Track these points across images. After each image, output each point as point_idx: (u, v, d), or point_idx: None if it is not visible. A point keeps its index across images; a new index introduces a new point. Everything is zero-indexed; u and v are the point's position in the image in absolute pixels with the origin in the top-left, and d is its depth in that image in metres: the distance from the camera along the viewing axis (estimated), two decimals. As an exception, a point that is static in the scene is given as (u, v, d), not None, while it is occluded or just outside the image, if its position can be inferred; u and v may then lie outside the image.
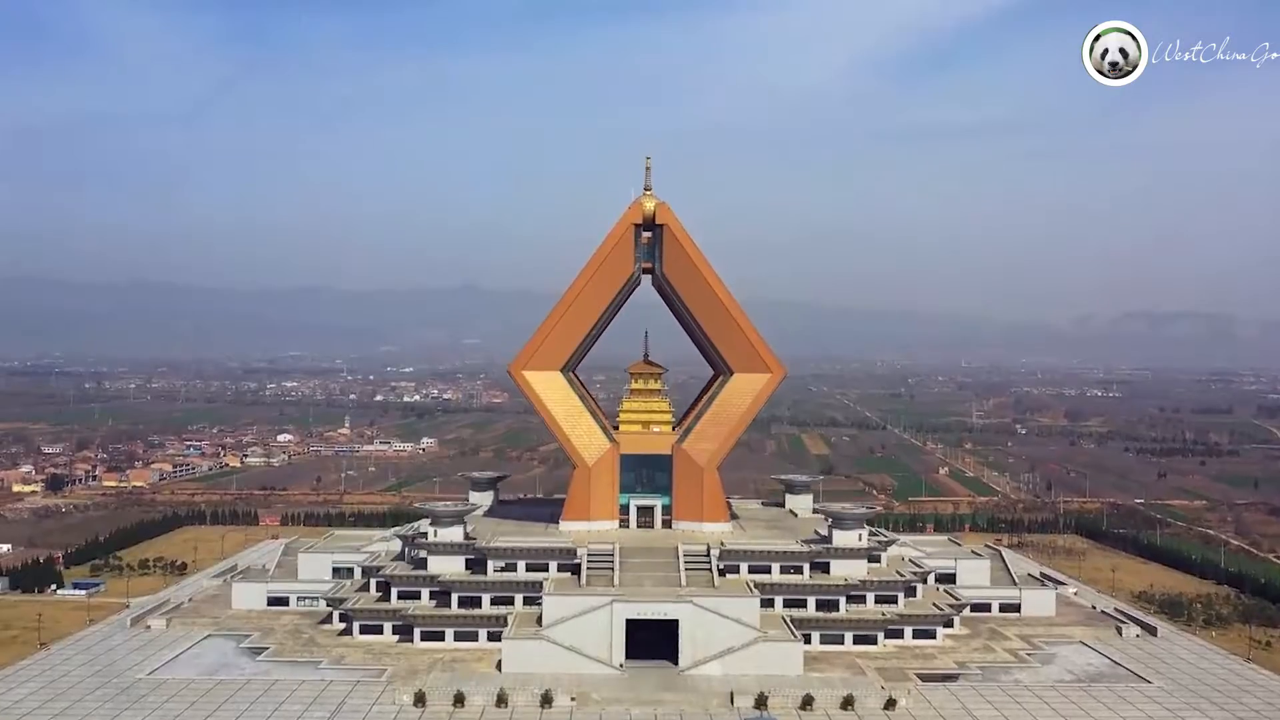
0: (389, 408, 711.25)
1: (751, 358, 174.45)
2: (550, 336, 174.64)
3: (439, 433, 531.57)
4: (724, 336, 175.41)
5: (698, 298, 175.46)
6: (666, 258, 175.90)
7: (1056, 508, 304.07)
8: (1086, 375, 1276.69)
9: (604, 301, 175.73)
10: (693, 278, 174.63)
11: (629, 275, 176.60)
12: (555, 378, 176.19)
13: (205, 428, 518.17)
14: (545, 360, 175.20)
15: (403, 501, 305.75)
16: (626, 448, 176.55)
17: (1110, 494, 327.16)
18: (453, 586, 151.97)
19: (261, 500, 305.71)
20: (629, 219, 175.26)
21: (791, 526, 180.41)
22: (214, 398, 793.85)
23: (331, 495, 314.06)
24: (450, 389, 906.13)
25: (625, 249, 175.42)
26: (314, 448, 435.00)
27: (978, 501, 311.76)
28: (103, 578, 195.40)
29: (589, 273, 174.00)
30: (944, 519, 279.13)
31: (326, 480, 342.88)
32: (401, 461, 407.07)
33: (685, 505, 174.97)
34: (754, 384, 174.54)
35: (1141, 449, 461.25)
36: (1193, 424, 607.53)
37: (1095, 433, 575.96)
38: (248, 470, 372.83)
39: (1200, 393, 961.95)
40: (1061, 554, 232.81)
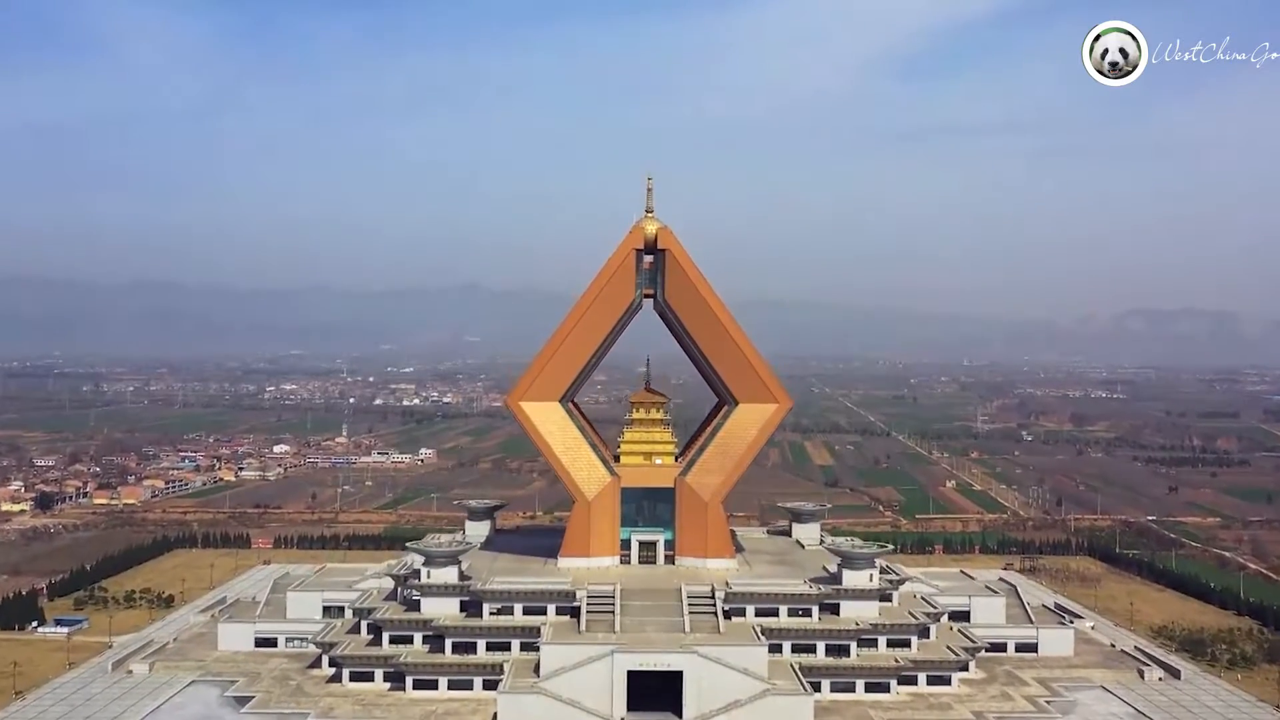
0: (388, 412, 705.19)
1: (757, 388, 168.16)
2: (548, 366, 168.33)
3: (438, 440, 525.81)
4: (728, 365, 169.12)
5: (701, 325, 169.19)
6: (669, 283, 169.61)
7: (1067, 525, 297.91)
8: (1090, 374, 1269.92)
9: (604, 329, 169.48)
10: (696, 304, 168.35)
11: (630, 302, 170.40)
12: (554, 409, 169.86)
13: (201, 436, 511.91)
14: (543, 391, 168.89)
15: (399, 520, 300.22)
16: (628, 480, 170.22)
17: (1121, 509, 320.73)
18: (447, 631, 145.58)
19: (255, 519, 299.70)
20: (630, 244, 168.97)
21: (799, 561, 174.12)
22: (212, 402, 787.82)
23: (326, 513, 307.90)
24: (450, 391, 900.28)
25: (626, 275, 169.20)
26: (310, 459, 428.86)
27: (987, 519, 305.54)
28: (86, 613, 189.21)
29: (588, 300, 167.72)
30: (953, 539, 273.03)
31: (322, 496, 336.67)
32: (399, 474, 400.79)
33: (689, 540, 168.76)
34: (760, 415, 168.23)
35: (1150, 459, 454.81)
36: (1200, 429, 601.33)
37: (1102, 438, 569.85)
38: (242, 485, 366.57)
39: (1205, 393, 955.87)
40: (1075, 580, 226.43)
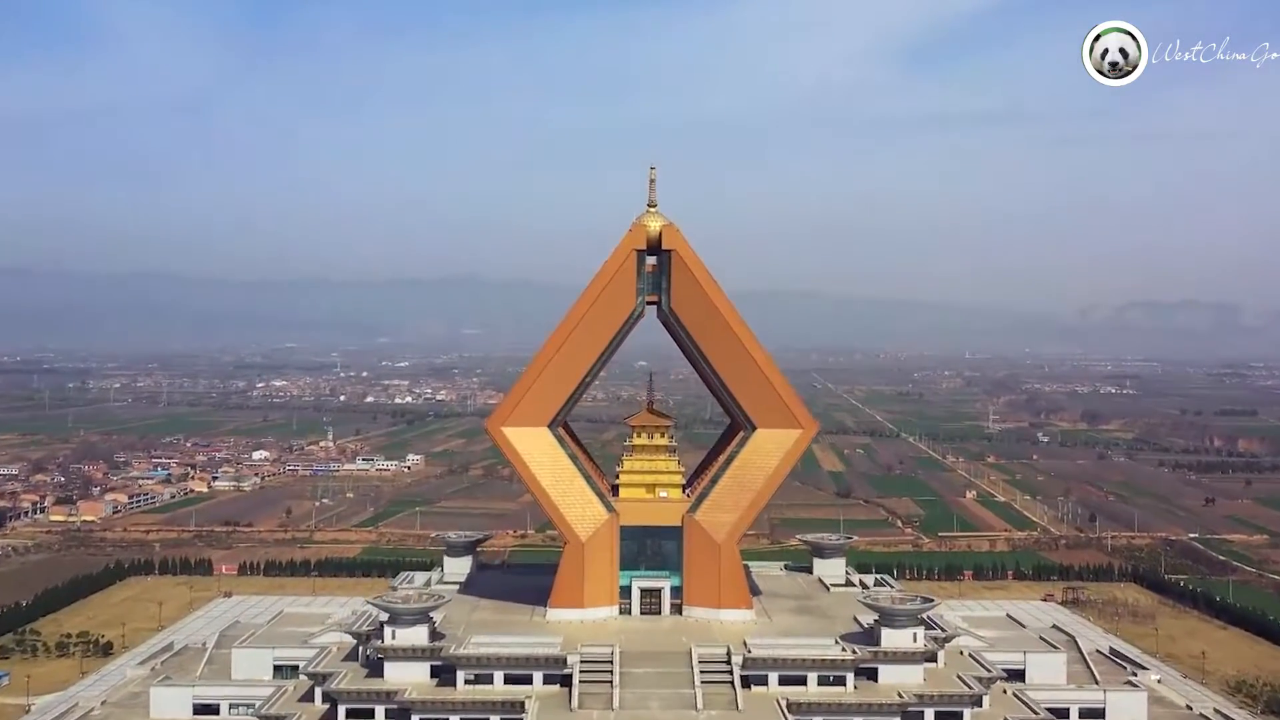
0: (379, 411, 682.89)
1: (778, 410, 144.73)
2: (536, 386, 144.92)
3: (428, 443, 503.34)
4: (744, 384, 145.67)
5: (712, 338, 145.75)
6: (675, 289, 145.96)
7: (1103, 544, 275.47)
8: (1095, 368, 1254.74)
9: (601, 342, 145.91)
10: (706, 314, 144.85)
11: (630, 311, 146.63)
12: (542, 435, 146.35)
13: (179, 440, 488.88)
14: (530, 415, 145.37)
15: (378, 540, 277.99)
16: (628, 517, 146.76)
17: (1159, 525, 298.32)
18: (413, 707, 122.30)
19: (223, 539, 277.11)
20: (630, 243, 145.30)
21: (825, 609, 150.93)
22: (198, 400, 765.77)
23: (300, 531, 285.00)
24: (445, 387, 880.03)
25: (626, 279, 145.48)
26: (290, 466, 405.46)
27: (1016, 537, 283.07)
28: (11, 663, 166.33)
29: (582, 309, 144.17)
30: (982, 561, 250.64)
31: (298, 511, 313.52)
32: (384, 483, 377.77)
33: (699, 588, 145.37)
34: (781, 442, 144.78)
35: (1177, 464, 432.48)
36: (1219, 429, 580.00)
37: (1119, 440, 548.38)
38: (214, 498, 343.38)
39: (1215, 388, 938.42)
40: (1126, 614, 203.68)
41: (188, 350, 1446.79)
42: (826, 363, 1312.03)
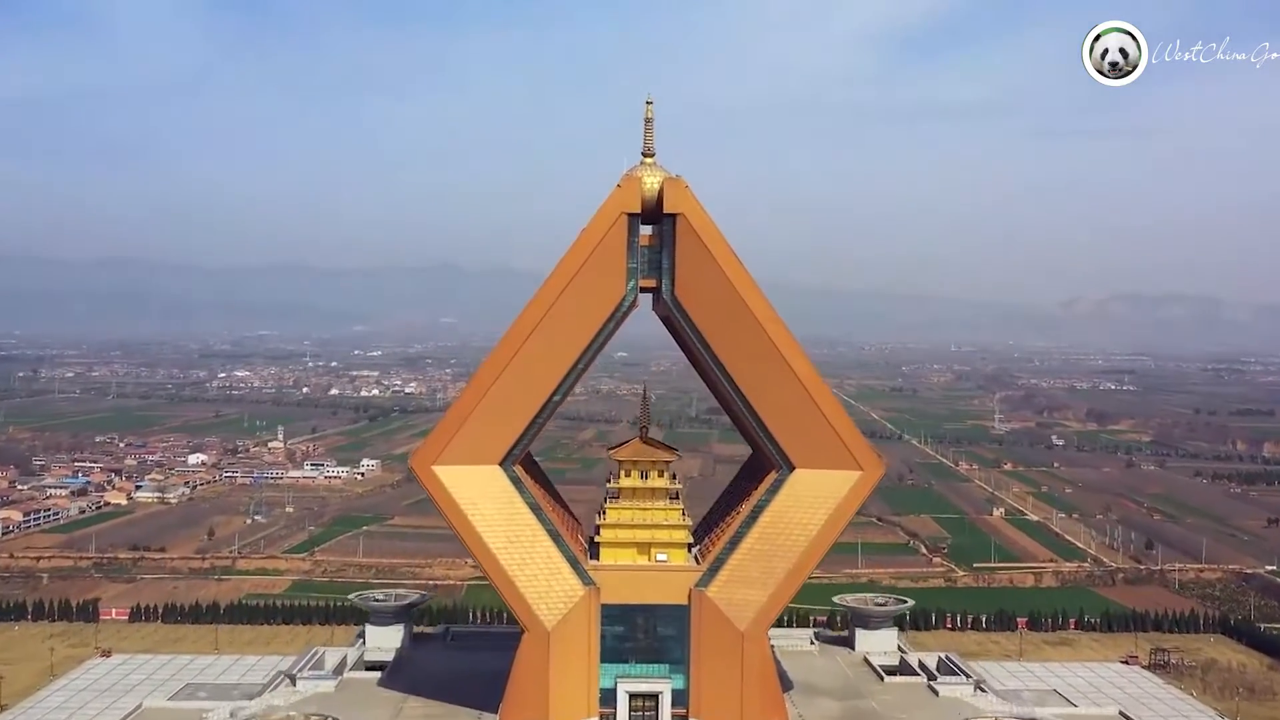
0: (341, 406, 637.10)
1: (826, 445, 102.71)
2: (484, 409, 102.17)
3: (388, 444, 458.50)
4: (778, 409, 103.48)
5: (733, 342, 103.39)
6: (681, 270, 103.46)
7: (1167, 579, 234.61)
8: (1085, 362, 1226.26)
9: (574, 346, 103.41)
10: (725, 308, 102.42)
11: (617, 300, 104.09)
12: (491, 477, 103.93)
13: (114, 440, 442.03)
14: (475, 448, 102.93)
15: (311, 571, 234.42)
16: (612, 591, 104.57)
17: (1225, 553, 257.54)
18: None
19: (127, 567, 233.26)
20: (617, 205, 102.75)
21: (882, 713, 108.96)
22: (150, 392, 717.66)
23: (221, 559, 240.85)
24: (415, 379, 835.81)
25: (611, 255, 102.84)
26: (228, 473, 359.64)
27: (1064, 570, 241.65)
28: None
29: (547, 300, 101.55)
30: (1033, 601, 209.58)
31: (224, 531, 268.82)
32: (331, 494, 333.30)
33: (712, 694, 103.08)
34: (830, 489, 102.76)
35: (1216, 474, 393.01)
36: (1239, 431, 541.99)
37: (1138, 442, 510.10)
38: (132, 511, 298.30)
39: (1216, 385, 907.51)
40: (1234, 684, 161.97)
41: (156, 337, 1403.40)
42: (810, 355, 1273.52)
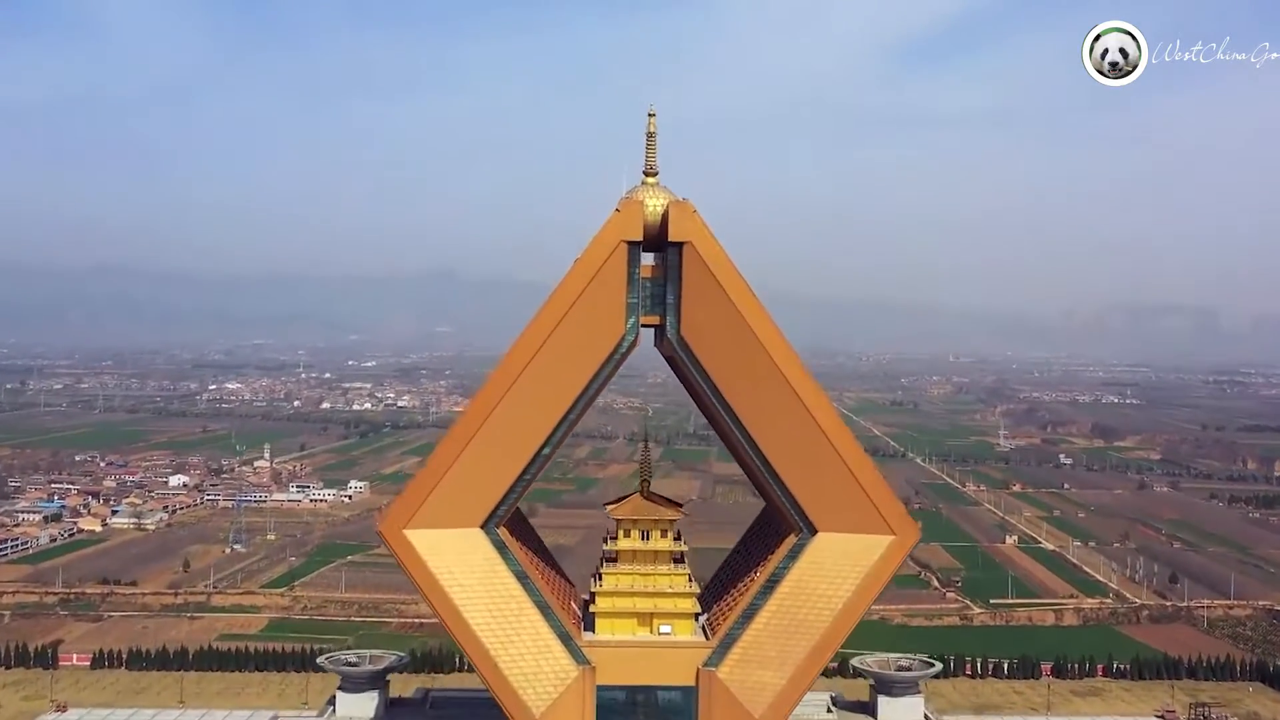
0: (332, 420, 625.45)
1: (854, 505, 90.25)
2: (463, 465, 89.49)
3: (378, 462, 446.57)
4: (801, 465, 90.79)
5: (747, 388, 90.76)
6: (688, 306, 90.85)
7: (1195, 616, 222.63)
8: (1085, 374, 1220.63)
9: (568, 391, 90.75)
10: (739, 350, 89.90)
11: (616, 339, 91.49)
12: (471, 542, 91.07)
13: (94, 459, 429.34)
14: (452, 509, 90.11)
15: (290, 607, 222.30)
16: (610, 672, 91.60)
17: (1253, 587, 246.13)
18: None
19: (95, 603, 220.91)
20: (616, 231, 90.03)
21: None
22: (138, 405, 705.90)
23: (196, 593, 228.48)
24: (409, 391, 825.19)
25: (610, 288, 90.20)
26: (210, 496, 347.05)
27: (1086, 607, 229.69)
28: None
29: (538, 337, 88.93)
30: (1056, 642, 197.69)
31: (201, 562, 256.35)
32: (316, 519, 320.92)
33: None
34: (858, 555, 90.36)
35: (1232, 497, 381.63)
36: (1249, 448, 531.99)
37: (1147, 461, 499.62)
38: (106, 539, 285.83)
39: (1219, 398, 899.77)
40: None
41: (150, 347, 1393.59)
42: (808, 365, 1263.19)
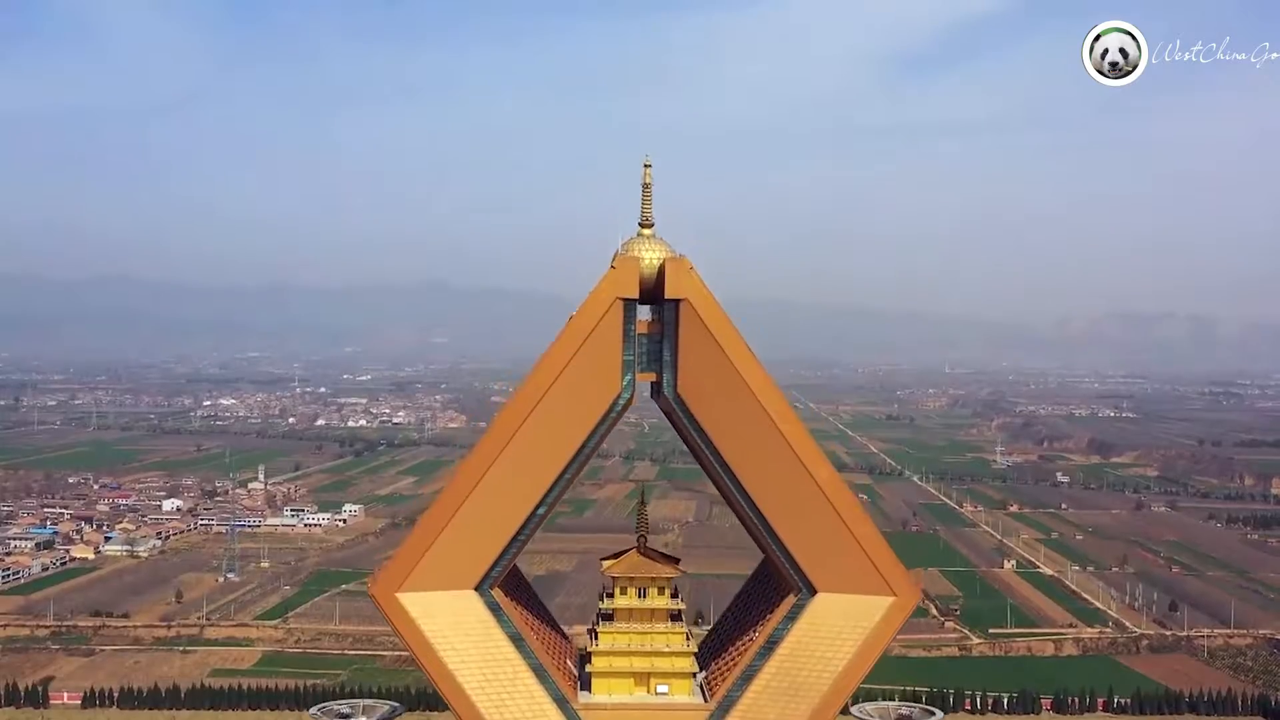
0: (327, 438, 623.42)
1: (854, 565, 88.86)
2: (455, 527, 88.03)
3: (373, 483, 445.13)
4: (799, 524, 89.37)
5: (747, 447, 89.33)
6: (685, 364, 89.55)
7: (1195, 646, 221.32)
8: (1081, 385, 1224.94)
9: (560, 453, 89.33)
10: (737, 410, 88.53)
11: (611, 398, 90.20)
12: (465, 604, 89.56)
13: (89, 480, 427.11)
14: (443, 571, 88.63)
15: (284, 640, 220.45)
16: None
17: (1252, 614, 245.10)
18: None
19: (86, 636, 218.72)
20: (611, 289, 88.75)
21: None
22: (133, 423, 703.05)
23: (189, 625, 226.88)
24: (404, 406, 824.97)
25: (605, 346, 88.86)
26: (204, 520, 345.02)
27: (1085, 637, 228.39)
28: None
29: (531, 397, 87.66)
30: (1055, 674, 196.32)
31: (194, 592, 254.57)
32: (311, 544, 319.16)
33: None
34: (858, 617, 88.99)
35: (1230, 517, 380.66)
36: (1245, 464, 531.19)
37: (1144, 479, 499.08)
38: (99, 567, 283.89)
39: (1215, 411, 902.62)
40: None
41: (145, 359, 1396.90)
42: (804, 378, 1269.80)
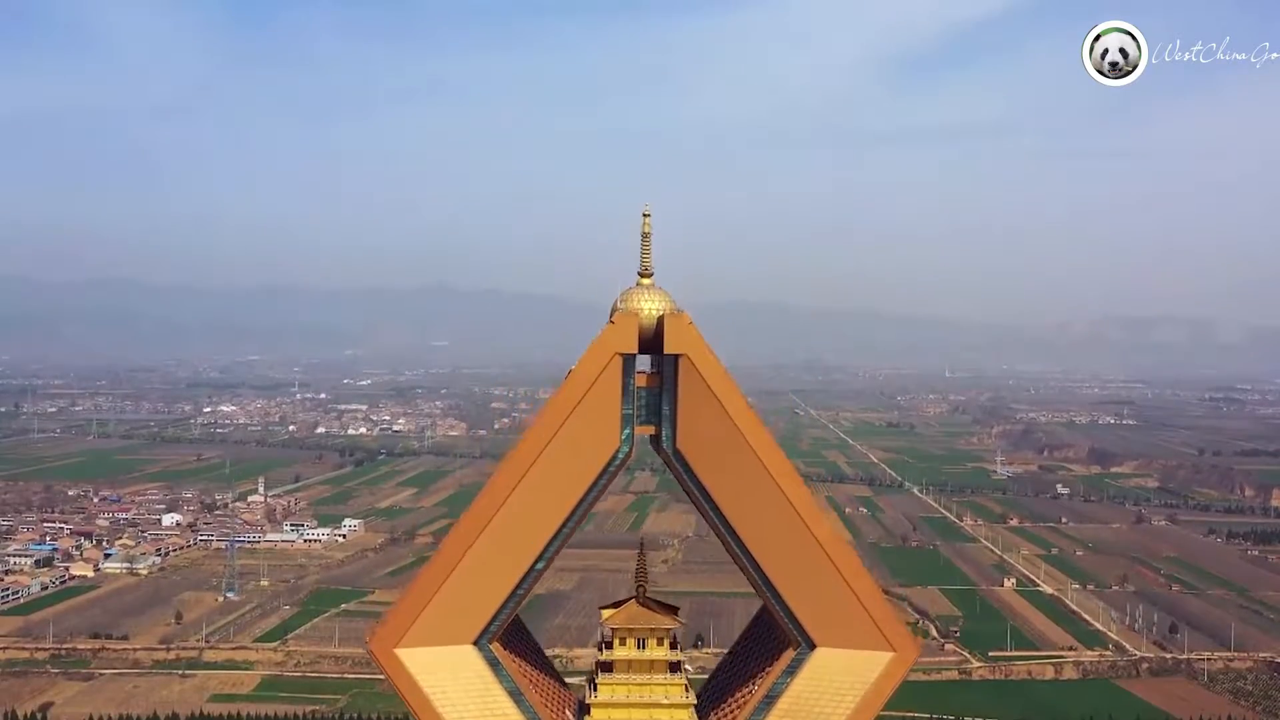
0: (327, 447, 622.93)
1: (853, 621, 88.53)
2: (454, 584, 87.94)
3: (373, 495, 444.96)
4: (799, 579, 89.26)
5: (747, 502, 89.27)
6: (684, 419, 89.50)
7: (1195, 670, 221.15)
8: (1081, 391, 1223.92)
9: (559, 508, 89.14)
10: (738, 464, 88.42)
11: (610, 453, 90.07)
12: (463, 659, 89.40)
13: (88, 493, 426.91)
14: (442, 626, 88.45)
15: (284, 663, 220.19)
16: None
17: (1252, 635, 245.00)
18: None
19: (86, 659, 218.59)
20: (611, 344, 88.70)
21: None
22: (131, 431, 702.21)
23: (188, 648, 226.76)
24: (404, 413, 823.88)
25: (604, 400, 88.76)
26: (203, 536, 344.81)
27: (1086, 660, 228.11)
28: None
29: (529, 454, 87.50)
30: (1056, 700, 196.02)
31: (193, 612, 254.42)
32: (310, 560, 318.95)
33: None
34: (857, 671, 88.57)
35: (1230, 533, 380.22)
36: (1245, 475, 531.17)
37: (1143, 490, 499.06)
38: (99, 585, 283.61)
39: (1215, 418, 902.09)
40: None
41: (146, 362, 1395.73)
42: (804, 382, 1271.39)
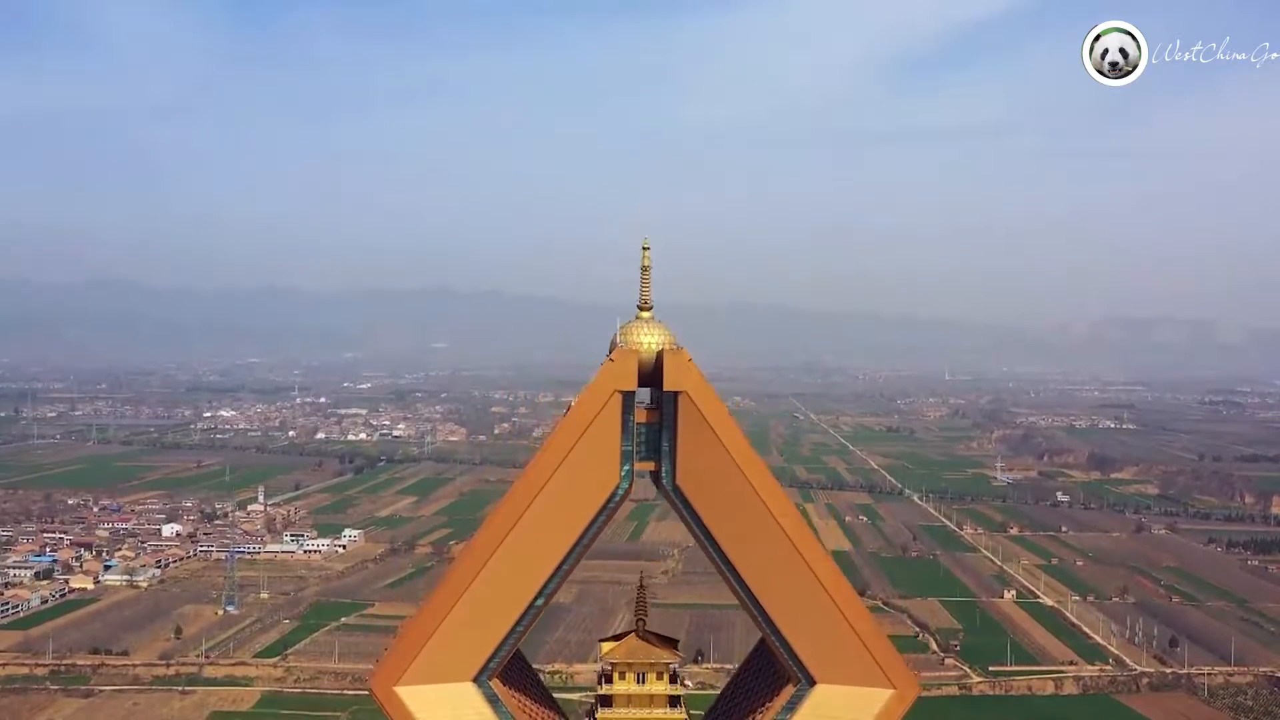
0: (327, 453, 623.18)
1: (853, 658, 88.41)
2: (452, 621, 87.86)
3: (373, 504, 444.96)
4: (798, 616, 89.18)
5: (746, 539, 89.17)
6: (684, 455, 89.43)
7: (1195, 685, 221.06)
8: (1081, 394, 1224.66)
9: (558, 545, 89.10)
10: (738, 501, 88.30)
11: (610, 490, 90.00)
12: (463, 696, 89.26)
13: (88, 502, 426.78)
14: (441, 664, 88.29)
15: (284, 679, 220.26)
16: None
17: (1253, 649, 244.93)
18: None
19: (85, 676, 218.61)
20: (610, 381, 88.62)
21: None
22: (131, 437, 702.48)
23: (188, 663, 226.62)
24: (404, 418, 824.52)
25: (603, 437, 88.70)
26: (203, 547, 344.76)
27: (1086, 675, 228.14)
28: None
29: (529, 491, 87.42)
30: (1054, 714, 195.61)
31: (193, 627, 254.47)
32: (310, 572, 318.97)
33: None
34: (856, 709, 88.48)
35: (1230, 542, 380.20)
36: (1245, 482, 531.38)
37: (1143, 497, 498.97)
38: (98, 598, 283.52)
39: (1215, 421, 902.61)
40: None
41: (146, 364, 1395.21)
42: (804, 384, 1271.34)
